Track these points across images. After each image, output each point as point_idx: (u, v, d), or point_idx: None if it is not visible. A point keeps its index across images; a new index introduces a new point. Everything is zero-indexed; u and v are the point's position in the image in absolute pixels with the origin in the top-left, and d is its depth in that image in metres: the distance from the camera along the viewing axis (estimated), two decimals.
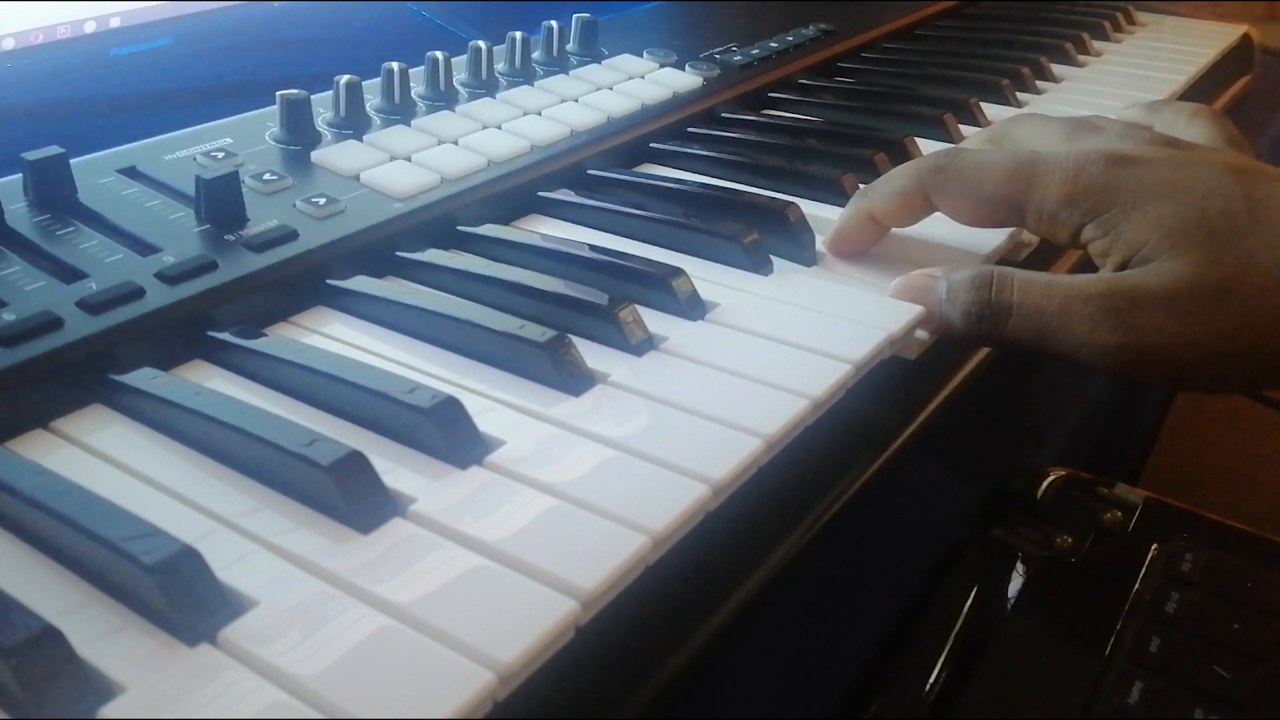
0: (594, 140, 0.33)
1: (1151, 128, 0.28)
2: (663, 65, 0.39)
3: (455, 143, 0.31)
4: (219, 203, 0.25)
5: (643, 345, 0.24)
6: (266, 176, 0.27)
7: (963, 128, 0.39)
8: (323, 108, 0.31)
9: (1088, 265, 0.25)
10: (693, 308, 0.25)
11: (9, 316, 0.21)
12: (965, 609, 0.23)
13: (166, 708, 0.14)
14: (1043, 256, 0.28)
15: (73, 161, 0.26)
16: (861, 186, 0.29)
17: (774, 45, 0.43)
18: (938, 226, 0.28)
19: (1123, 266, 0.24)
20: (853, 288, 0.27)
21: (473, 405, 0.20)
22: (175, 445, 0.20)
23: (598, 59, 0.38)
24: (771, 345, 0.24)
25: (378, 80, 0.32)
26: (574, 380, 0.22)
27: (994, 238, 0.29)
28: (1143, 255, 0.23)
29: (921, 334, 0.25)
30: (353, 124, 0.31)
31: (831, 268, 0.28)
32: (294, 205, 0.26)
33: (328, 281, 0.25)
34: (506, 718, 0.15)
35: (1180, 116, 0.29)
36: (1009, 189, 0.25)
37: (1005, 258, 0.30)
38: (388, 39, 0.41)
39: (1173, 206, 0.23)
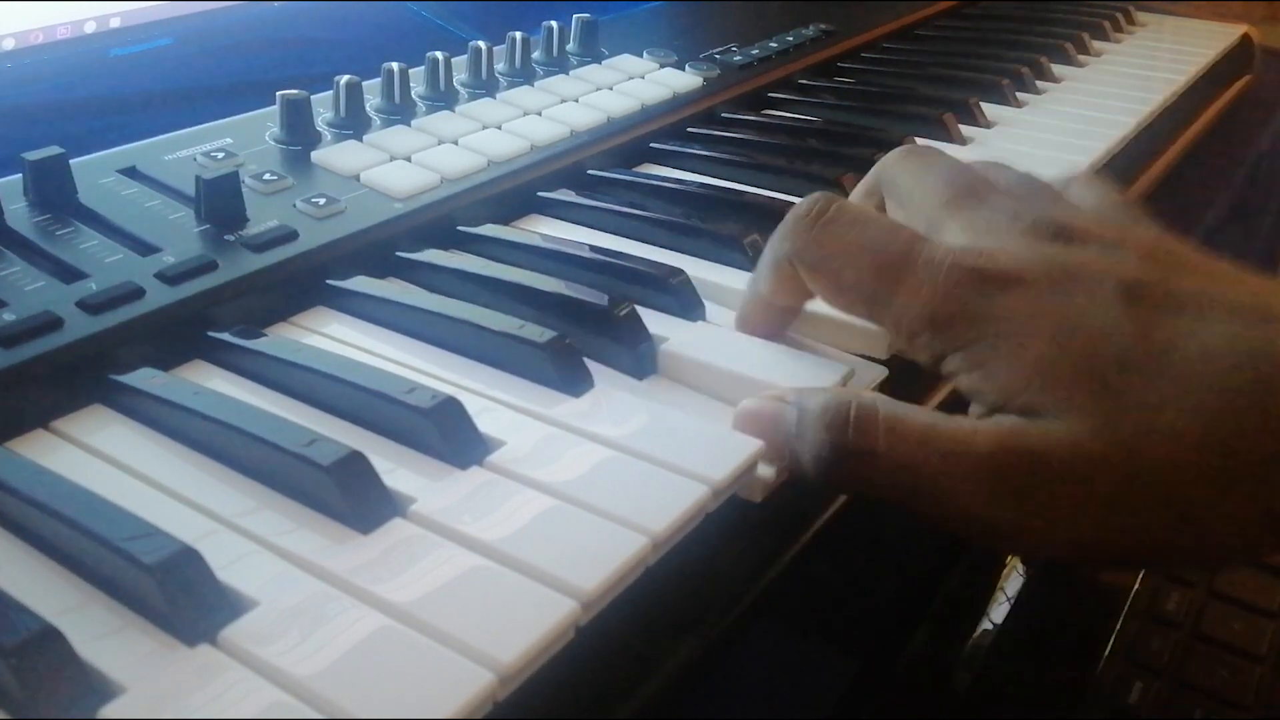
0: (594, 140, 0.33)
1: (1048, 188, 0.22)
2: (663, 65, 0.39)
3: (455, 143, 0.31)
4: (219, 203, 0.25)
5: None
6: (266, 176, 0.27)
7: (963, 127, 0.39)
8: (323, 108, 0.31)
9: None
10: (692, 308, 0.25)
11: (9, 316, 0.21)
12: (965, 608, 0.23)
13: (166, 708, 0.14)
14: None
15: (73, 162, 0.26)
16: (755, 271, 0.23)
17: (774, 45, 0.43)
18: None
19: (994, 412, 0.18)
20: None
21: (472, 405, 0.20)
22: (175, 445, 0.20)
23: (598, 59, 0.38)
24: (773, 345, 0.24)
25: (378, 80, 0.32)
26: (574, 381, 0.22)
27: None
28: (1022, 404, 0.18)
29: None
30: (353, 124, 0.31)
31: None
32: (294, 205, 0.26)
33: (328, 282, 0.25)
34: (506, 718, 0.15)
35: (1069, 187, 0.22)
36: (871, 285, 0.20)
37: None
38: (388, 39, 0.41)
39: (1055, 349, 0.18)
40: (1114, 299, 0.18)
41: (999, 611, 0.23)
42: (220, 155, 0.28)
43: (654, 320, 0.25)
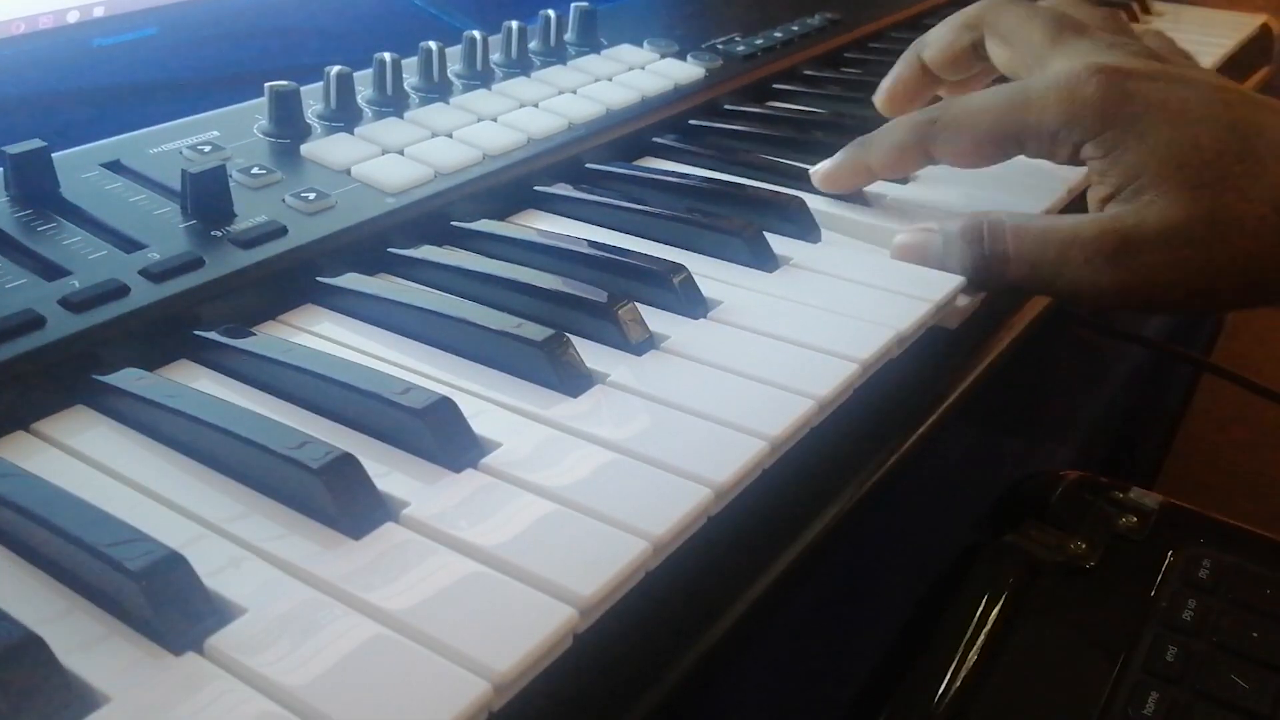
0: (592, 133, 0.32)
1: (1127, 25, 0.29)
2: (663, 56, 0.38)
3: (449, 136, 0.30)
4: (205, 197, 0.25)
5: (643, 344, 0.23)
6: (254, 170, 0.27)
7: None
8: (312, 100, 0.30)
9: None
10: (695, 305, 0.25)
11: None
12: (977, 616, 0.22)
13: (152, 718, 0.14)
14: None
15: (55, 155, 0.25)
16: (859, 138, 0.30)
17: (778, 35, 0.42)
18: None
19: (1117, 190, 0.25)
20: (860, 285, 0.27)
21: (468, 406, 0.20)
22: (161, 448, 0.20)
23: (596, 49, 0.37)
24: (776, 344, 0.23)
25: (369, 71, 0.32)
26: (572, 380, 0.22)
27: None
28: (1139, 185, 0.24)
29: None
30: (343, 116, 0.30)
31: (838, 266, 0.28)
32: (283, 200, 0.26)
33: (318, 279, 0.25)
34: None
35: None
36: (1005, 122, 0.26)
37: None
38: (380, 28, 0.40)
39: (1169, 133, 0.24)
40: (1211, 95, 0.25)
41: (1013, 617, 0.23)
42: (207, 148, 0.28)
43: (655, 318, 0.24)
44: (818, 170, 0.30)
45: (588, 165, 0.32)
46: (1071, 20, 0.28)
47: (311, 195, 0.26)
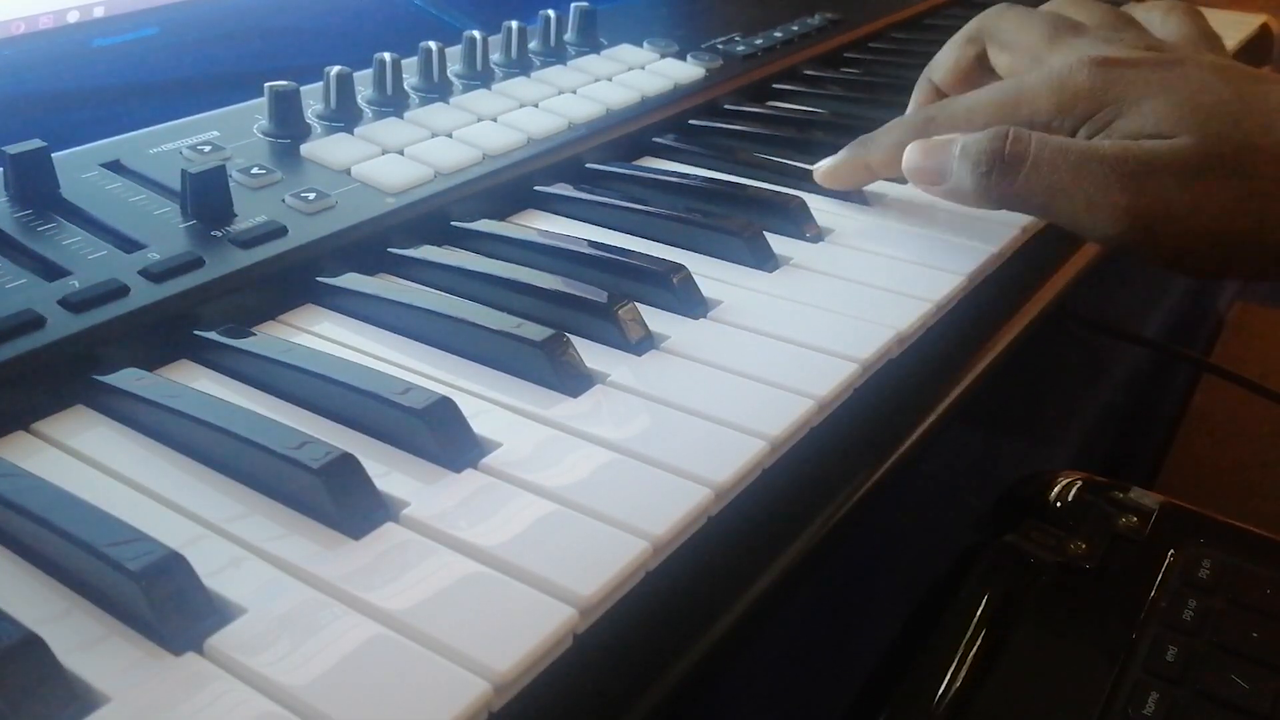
0: (592, 133, 0.32)
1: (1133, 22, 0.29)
2: (663, 56, 0.38)
3: (449, 135, 0.30)
4: (205, 198, 0.25)
5: (643, 344, 0.23)
6: (254, 170, 0.27)
7: None
8: (312, 100, 0.30)
9: None
10: (694, 305, 0.25)
11: None
12: (976, 617, 0.22)
13: (152, 718, 0.14)
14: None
15: (55, 155, 0.25)
16: (861, 137, 0.30)
17: (778, 35, 0.42)
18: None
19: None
20: (860, 285, 0.27)
21: (468, 406, 0.20)
22: (161, 448, 0.20)
23: (596, 49, 0.37)
24: (776, 344, 0.23)
25: (369, 71, 0.31)
26: (572, 380, 0.22)
27: (1003, 234, 0.29)
28: (1145, 136, 0.24)
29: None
30: (343, 116, 0.30)
31: (838, 266, 0.28)
32: (283, 200, 0.26)
33: (318, 279, 0.25)
34: None
35: (1155, 13, 0.30)
36: (999, 119, 0.26)
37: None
38: (380, 28, 0.40)
39: (1165, 102, 0.24)
40: (1208, 70, 0.24)
41: (1013, 617, 0.23)
42: (207, 149, 0.28)
43: (655, 318, 0.24)
44: (820, 167, 0.31)
45: (588, 165, 0.32)
46: (1069, 21, 0.28)
47: (311, 195, 0.26)
